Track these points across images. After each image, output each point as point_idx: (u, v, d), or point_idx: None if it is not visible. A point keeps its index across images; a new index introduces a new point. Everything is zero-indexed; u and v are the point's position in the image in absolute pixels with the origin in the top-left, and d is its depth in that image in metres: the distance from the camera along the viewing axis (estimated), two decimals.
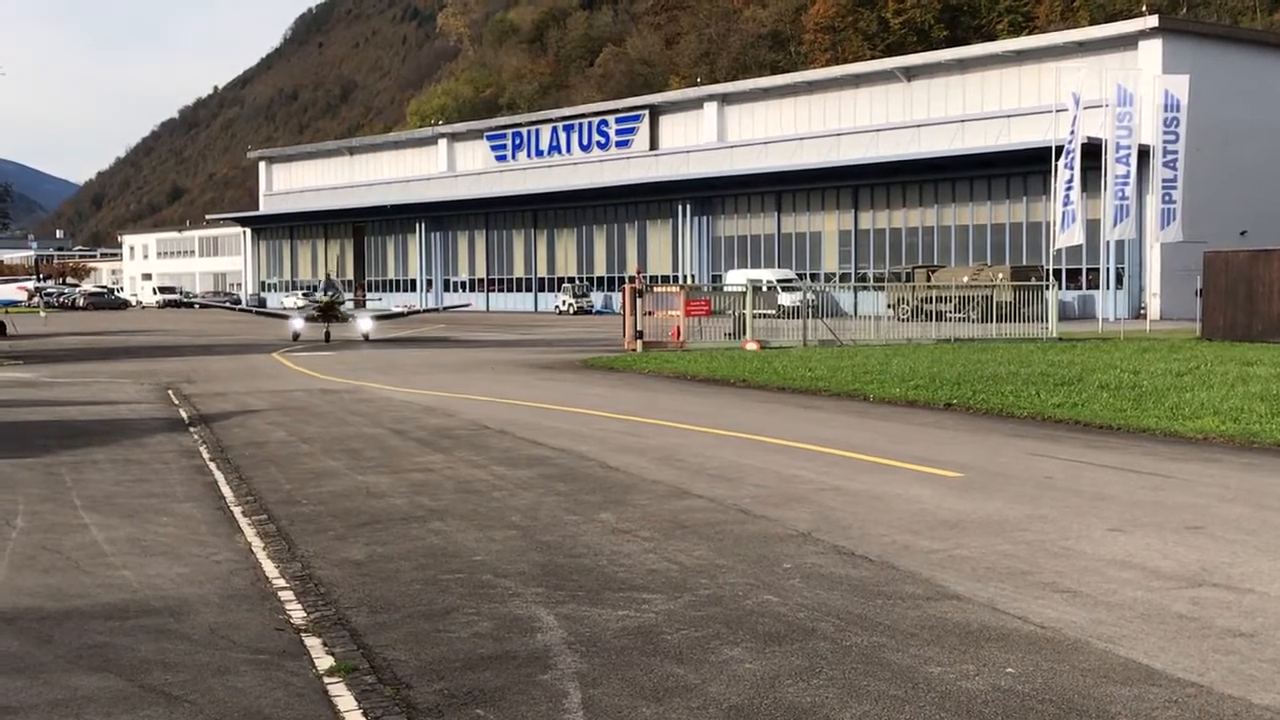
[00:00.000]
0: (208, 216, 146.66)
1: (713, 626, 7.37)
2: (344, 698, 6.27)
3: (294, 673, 6.69)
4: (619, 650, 6.92)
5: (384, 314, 54.27)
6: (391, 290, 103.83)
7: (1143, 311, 57.39)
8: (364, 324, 46.01)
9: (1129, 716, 5.78)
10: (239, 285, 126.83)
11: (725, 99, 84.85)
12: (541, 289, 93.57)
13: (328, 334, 43.71)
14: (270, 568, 9.24)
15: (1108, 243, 46.49)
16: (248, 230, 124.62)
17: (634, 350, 35.31)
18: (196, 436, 17.61)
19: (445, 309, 60.22)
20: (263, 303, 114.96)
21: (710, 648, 6.95)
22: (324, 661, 6.87)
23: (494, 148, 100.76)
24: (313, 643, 7.26)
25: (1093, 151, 44.59)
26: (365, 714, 6.02)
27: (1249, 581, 8.21)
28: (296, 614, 7.92)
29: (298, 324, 45.70)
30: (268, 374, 30.19)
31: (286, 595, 8.42)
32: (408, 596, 8.25)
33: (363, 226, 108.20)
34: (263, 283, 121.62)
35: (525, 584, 8.47)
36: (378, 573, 8.96)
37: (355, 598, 8.26)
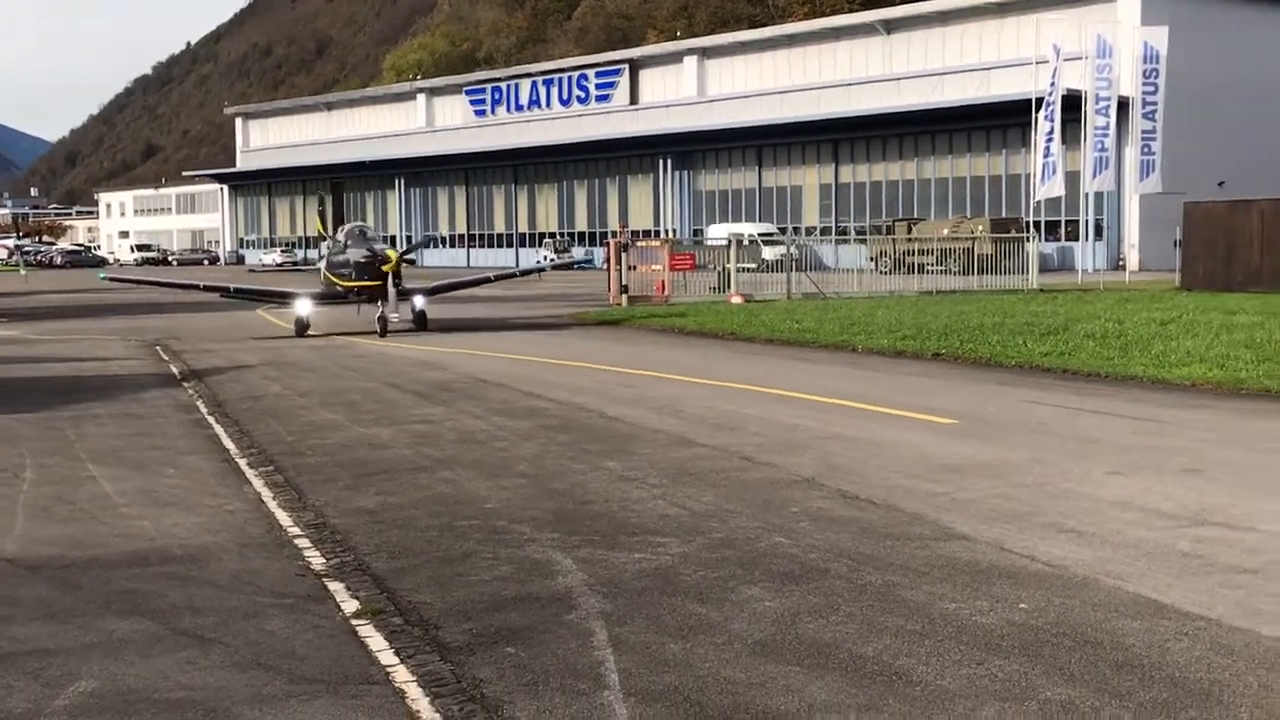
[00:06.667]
0: (185, 173, 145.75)
1: (728, 568, 7.52)
2: (374, 638, 6.40)
3: (322, 615, 6.83)
4: (639, 591, 7.07)
5: (447, 284, 34.42)
6: None
7: (1121, 263, 57.59)
8: (418, 301, 29.69)
9: (1143, 648, 5.95)
10: (216, 243, 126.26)
11: (705, 53, 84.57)
12: (523, 244, 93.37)
13: (383, 322, 27.12)
14: (283, 517, 9.35)
15: (1087, 194, 46.67)
16: (225, 187, 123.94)
17: (619, 305, 35.37)
18: (191, 391, 17.68)
19: (524, 273, 42.82)
20: (241, 259, 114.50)
21: (729, 587, 7.10)
22: (349, 605, 7.00)
23: (473, 103, 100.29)
24: (336, 587, 7.39)
25: (1073, 103, 44.63)
26: (398, 654, 6.15)
27: (1250, 520, 8.40)
28: (316, 560, 8.05)
29: (304, 307, 28.51)
30: (254, 330, 30.21)
31: (303, 543, 8.54)
32: (425, 542, 8.38)
33: (341, 183, 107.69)
34: (241, 239, 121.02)
35: (540, 529, 8.61)
36: (392, 520, 9.09)
37: (373, 544, 8.39)
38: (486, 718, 5.31)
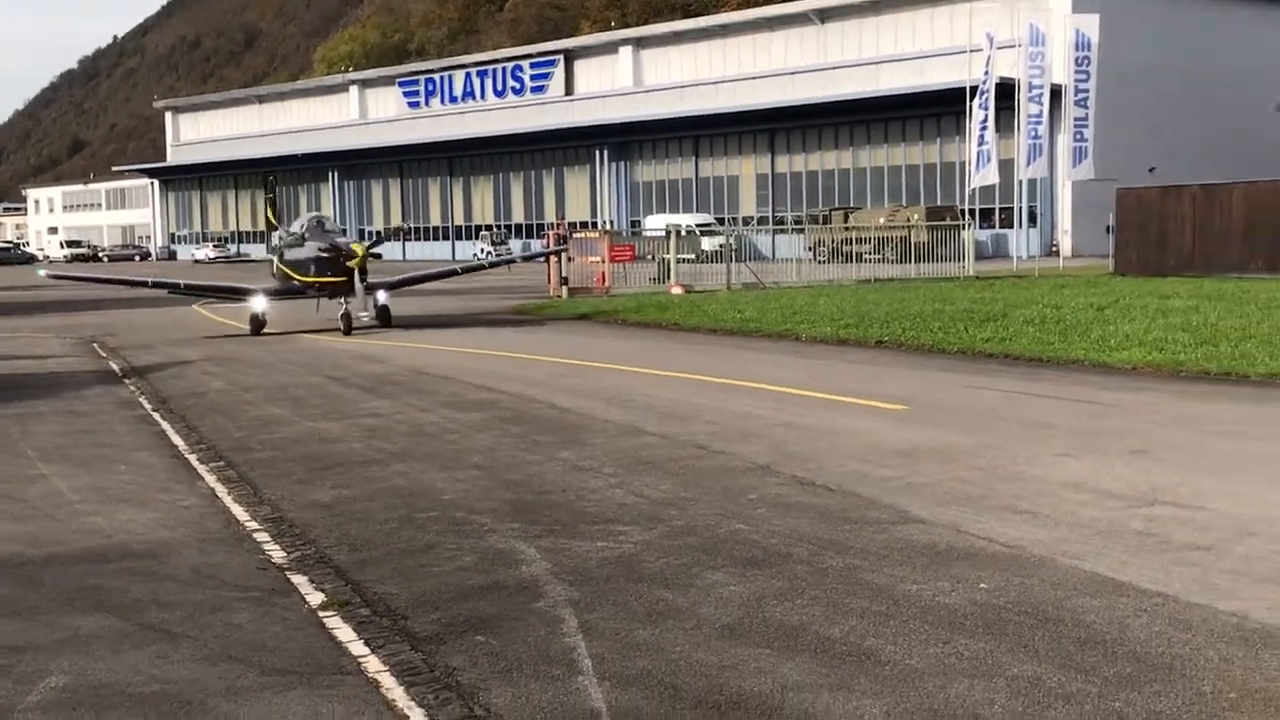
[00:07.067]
0: (114, 168, 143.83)
1: (691, 554, 7.58)
2: (342, 629, 6.40)
3: (287, 608, 6.82)
4: (605, 578, 7.11)
5: (412, 278, 32.03)
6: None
7: (1055, 249, 58.34)
8: (381, 296, 27.68)
9: (1103, 624, 6.07)
10: (147, 238, 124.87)
11: (640, 43, 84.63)
12: (459, 237, 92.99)
13: (348, 319, 25.38)
14: (240, 511, 9.31)
15: (1020, 182, 47.17)
16: (155, 182, 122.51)
17: (559, 296, 35.36)
18: (133, 388, 17.53)
19: (493, 264, 41.12)
20: (173, 255, 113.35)
21: (693, 573, 7.16)
22: (315, 597, 7.00)
23: (407, 94, 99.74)
24: (299, 580, 7.38)
25: (1006, 91, 45.12)
26: (368, 644, 6.15)
27: (1199, 500, 8.56)
28: (276, 554, 8.02)
29: (260, 304, 26.89)
30: (191, 325, 29.92)
31: (262, 537, 8.51)
32: (385, 534, 8.38)
33: (276, 176, 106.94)
34: (172, 235, 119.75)
35: (500, 520, 8.63)
36: (349, 513, 9.07)
37: (332, 537, 8.37)
38: (463, 705, 5.33)
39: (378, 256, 29.38)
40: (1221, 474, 9.43)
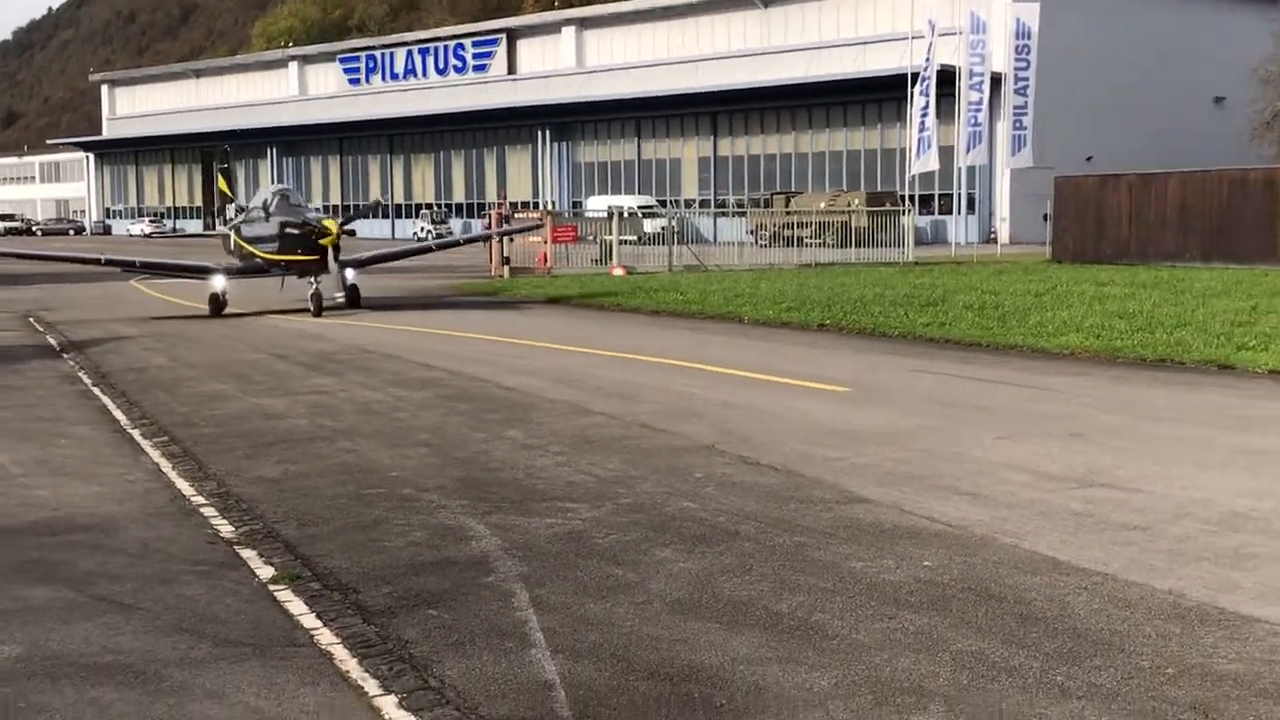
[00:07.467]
0: (49, 141, 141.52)
1: (640, 531, 7.66)
2: (294, 603, 6.43)
3: (238, 581, 6.83)
4: (555, 554, 7.17)
5: (383, 255, 31.83)
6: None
7: (993, 236, 58.86)
8: (349, 275, 26.18)
9: (1044, 601, 6.21)
10: (82, 212, 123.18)
11: (583, 23, 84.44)
12: (399, 215, 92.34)
13: (318, 299, 24.36)
14: (185, 486, 9.29)
15: (960, 169, 47.56)
16: (91, 155, 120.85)
17: (501, 276, 35.32)
18: (72, 363, 17.41)
19: (468, 240, 38.87)
20: (108, 229, 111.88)
21: (642, 550, 7.24)
22: (265, 571, 7.01)
23: (347, 71, 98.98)
24: (248, 554, 7.39)
25: (947, 79, 45.45)
26: (319, 617, 6.18)
27: (1135, 482, 8.74)
28: (224, 528, 8.03)
29: (219, 283, 25.39)
30: (128, 301, 29.68)
31: (209, 511, 8.50)
32: (334, 510, 8.40)
33: (212, 152, 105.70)
34: (107, 209, 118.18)
35: (448, 497, 8.67)
36: (297, 489, 9.07)
37: (280, 512, 8.38)
38: (417, 677, 5.38)
39: (351, 234, 27.57)
40: (1157, 457, 9.62)
